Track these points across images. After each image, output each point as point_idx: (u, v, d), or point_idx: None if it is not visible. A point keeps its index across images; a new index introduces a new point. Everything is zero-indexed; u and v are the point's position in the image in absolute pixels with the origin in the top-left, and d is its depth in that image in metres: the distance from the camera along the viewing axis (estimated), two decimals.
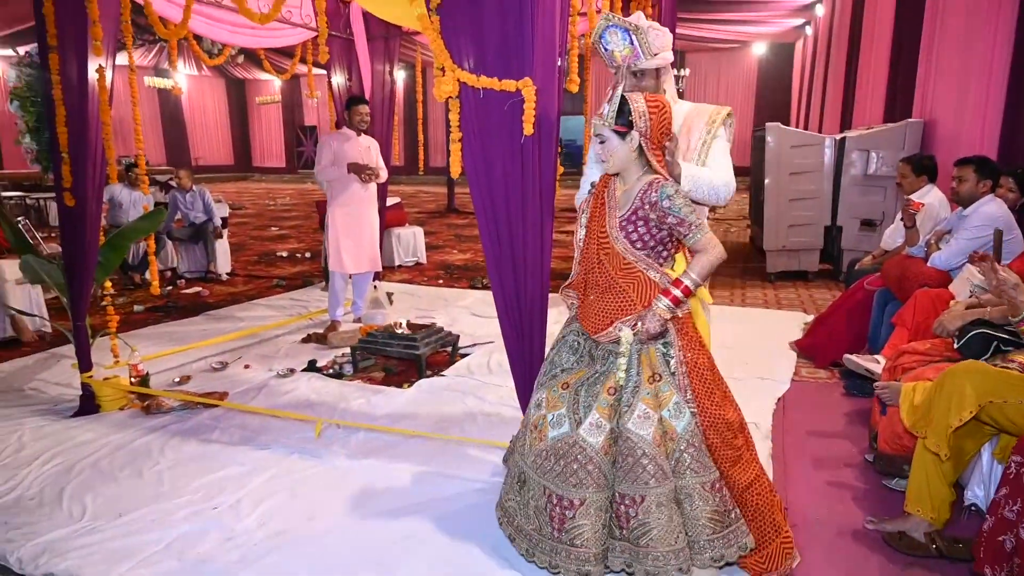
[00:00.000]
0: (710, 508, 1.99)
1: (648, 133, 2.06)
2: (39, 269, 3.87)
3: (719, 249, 2.05)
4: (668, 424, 2.02)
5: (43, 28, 3.23)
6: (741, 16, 15.65)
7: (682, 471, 2.01)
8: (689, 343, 2.10)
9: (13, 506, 2.67)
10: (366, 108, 4.85)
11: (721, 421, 2.07)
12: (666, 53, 2.32)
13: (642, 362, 2.08)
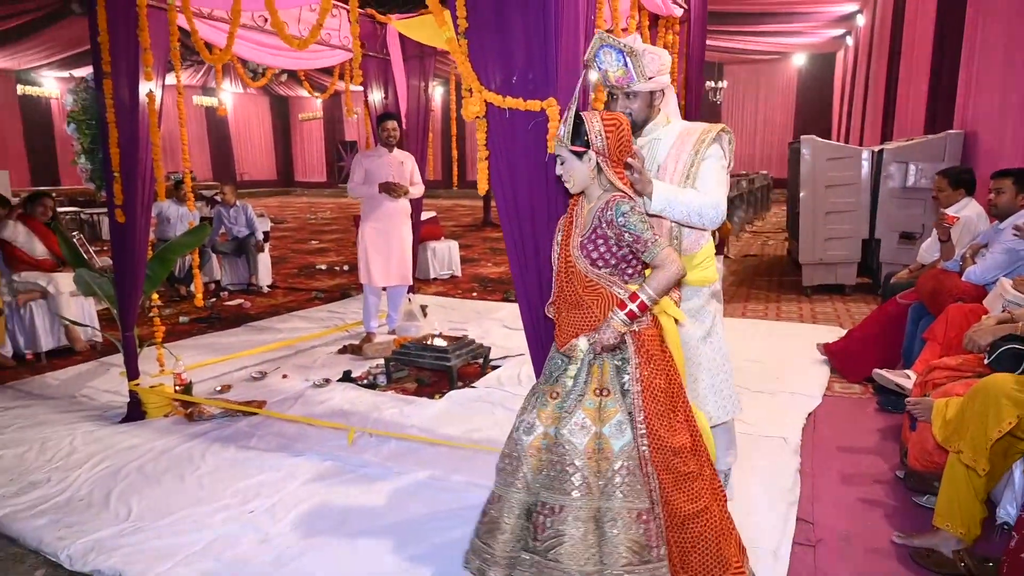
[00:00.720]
0: (630, 537, 1.92)
1: (606, 152, 2.04)
2: (91, 282, 4.08)
3: (677, 265, 1.99)
4: (606, 441, 1.98)
5: (98, 55, 3.43)
6: (780, 27, 15.52)
7: (611, 492, 1.95)
8: (647, 361, 2.03)
9: (65, 506, 2.83)
10: (392, 123, 4.98)
11: (669, 446, 1.99)
12: (661, 77, 2.30)
13: (592, 373, 2.05)
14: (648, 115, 2.36)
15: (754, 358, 4.61)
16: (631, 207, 2.00)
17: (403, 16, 5.45)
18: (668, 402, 2.03)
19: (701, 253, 2.43)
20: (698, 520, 2.00)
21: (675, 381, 2.09)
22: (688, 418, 2.10)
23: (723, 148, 2.33)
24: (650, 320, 2.08)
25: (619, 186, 2.06)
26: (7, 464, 3.23)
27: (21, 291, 5.00)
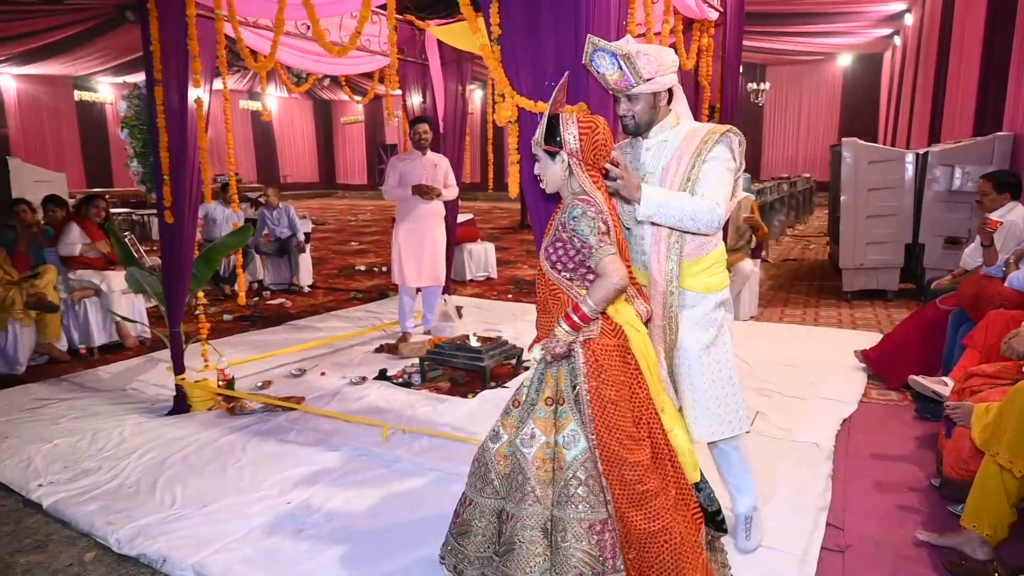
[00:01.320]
0: (583, 548, 1.89)
1: (579, 154, 2.02)
2: (141, 280, 4.26)
3: (616, 276, 1.92)
4: (560, 450, 1.97)
5: (150, 63, 3.59)
6: (825, 28, 15.23)
7: (564, 502, 1.94)
8: (595, 373, 1.98)
9: (114, 492, 2.97)
10: (424, 127, 5.06)
11: (620, 459, 1.94)
12: (662, 77, 2.17)
13: (546, 382, 2.04)
14: (652, 117, 2.26)
15: (789, 363, 4.57)
16: (583, 211, 1.96)
17: (441, 22, 5.55)
18: (619, 415, 1.97)
19: (706, 259, 2.28)
20: (656, 541, 1.94)
21: (637, 394, 2.03)
22: (653, 433, 2.04)
23: (730, 150, 2.21)
24: (600, 330, 2.01)
25: (588, 190, 2.03)
26: (62, 452, 3.40)
27: (76, 288, 5.23)
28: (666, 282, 2.23)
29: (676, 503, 2.02)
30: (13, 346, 4.72)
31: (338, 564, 2.41)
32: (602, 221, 1.98)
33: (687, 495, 2.09)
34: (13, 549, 2.61)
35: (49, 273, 5.00)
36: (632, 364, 2.05)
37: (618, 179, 2.08)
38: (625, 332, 2.05)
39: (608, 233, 1.99)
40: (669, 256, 2.23)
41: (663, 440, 2.07)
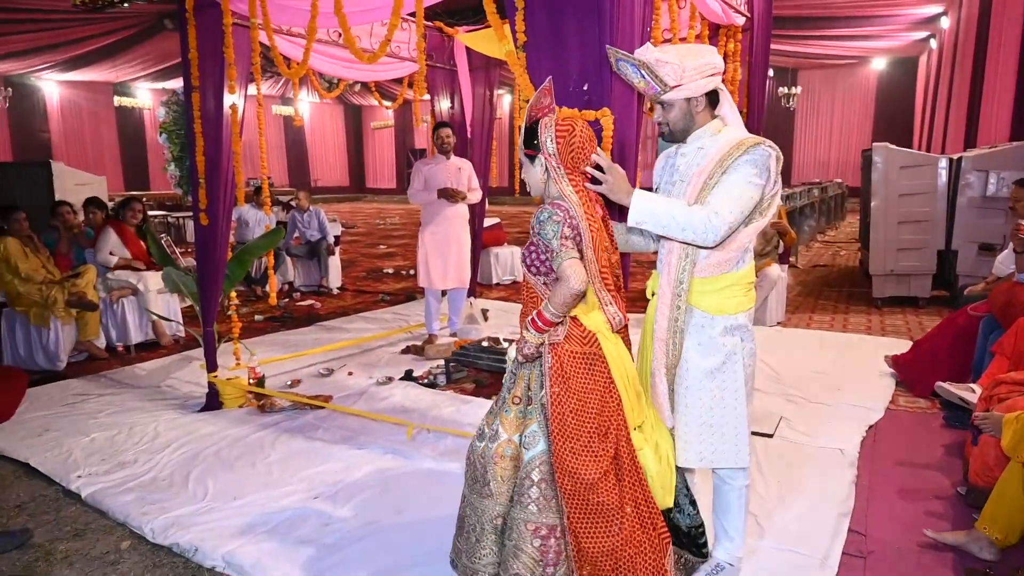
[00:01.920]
0: (524, 551, 1.91)
1: (556, 157, 2.00)
2: (178, 280, 4.39)
3: (573, 280, 1.87)
4: (520, 450, 1.99)
5: (188, 70, 3.72)
6: (858, 31, 15.02)
7: (517, 501, 1.96)
8: (558, 379, 1.96)
9: (149, 484, 3.08)
10: (446, 131, 5.13)
11: (572, 470, 1.90)
12: (695, 83, 2.04)
13: (517, 382, 2.05)
14: (689, 124, 2.13)
15: (816, 369, 4.54)
16: (550, 215, 1.94)
17: (470, 28, 5.62)
18: (578, 425, 1.93)
19: (723, 279, 2.10)
20: (608, 559, 1.91)
21: (607, 404, 1.99)
22: (619, 447, 1.99)
23: (758, 165, 2.00)
24: (565, 336, 1.98)
25: (564, 194, 2.01)
26: (99, 445, 3.53)
27: (114, 288, 5.40)
28: (673, 295, 2.11)
29: (634, 522, 1.96)
30: (55, 343, 4.89)
31: (363, 558, 2.47)
32: (569, 226, 1.94)
33: (650, 515, 2.01)
34: (53, 536, 2.72)
35: (89, 273, 5.18)
36: (602, 373, 2.00)
37: (603, 182, 2.04)
38: (598, 340, 2.01)
39: (574, 238, 1.95)
40: (680, 268, 2.10)
41: (628, 456, 2.00)
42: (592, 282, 2.01)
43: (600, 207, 2.12)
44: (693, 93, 2.07)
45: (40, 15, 13.38)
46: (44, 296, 4.88)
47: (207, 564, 2.48)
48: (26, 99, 20.38)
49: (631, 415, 2.05)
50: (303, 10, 3.45)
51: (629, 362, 2.09)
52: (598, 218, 2.07)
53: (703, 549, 2.22)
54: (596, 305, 2.04)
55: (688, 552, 2.19)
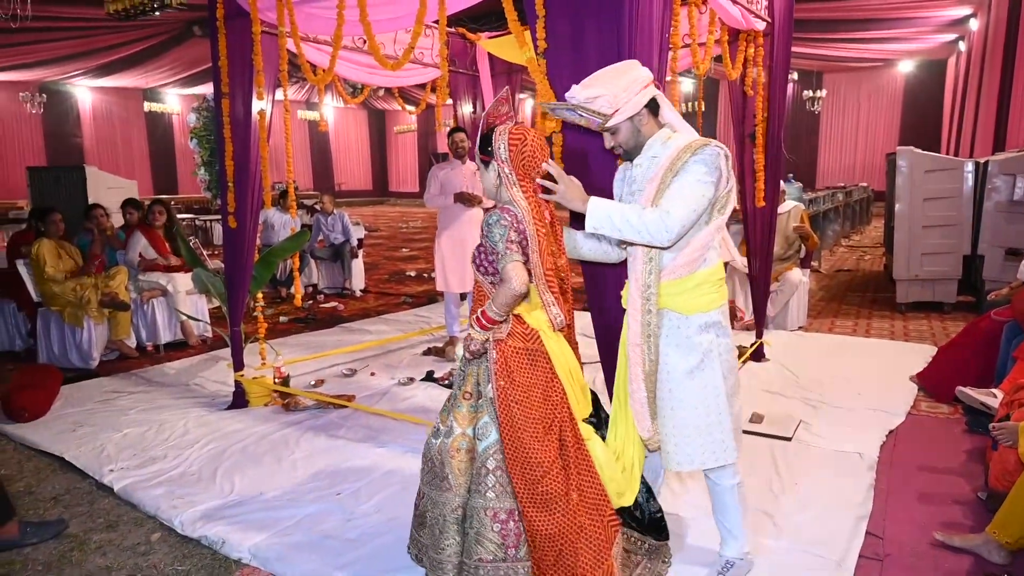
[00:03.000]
0: (485, 536, 2.03)
1: (508, 164, 2.11)
2: (207, 281, 4.50)
3: (514, 282, 1.98)
4: (475, 441, 2.10)
5: (218, 78, 3.82)
6: (885, 33, 14.87)
7: (475, 490, 2.06)
8: (504, 372, 2.07)
9: (179, 479, 3.17)
10: (461, 136, 5.19)
11: (522, 458, 2.02)
12: (631, 103, 2.10)
13: (467, 378, 2.17)
14: (639, 140, 2.19)
15: (836, 374, 4.52)
16: (498, 219, 2.05)
17: (492, 35, 5.69)
18: (523, 415, 2.04)
19: (692, 279, 2.14)
20: (553, 543, 2.01)
21: (550, 397, 2.10)
22: (563, 437, 2.10)
23: (707, 163, 2.05)
24: (508, 333, 2.09)
25: (515, 199, 2.11)
26: (131, 441, 3.64)
27: (145, 289, 5.54)
28: (643, 300, 2.14)
29: (579, 508, 2.06)
30: (88, 342, 5.03)
31: (384, 553, 2.53)
32: (515, 231, 2.04)
33: (596, 503, 2.10)
34: (87, 527, 2.81)
35: (121, 274, 5.32)
36: (544, 368, 2.11)
37: (553, 191, 2.12)
38: (540, 337, 2.12)
39: (520, 242, 2.05)
40: (646, 273, 2.13)
41: (574, 445, 2.12)
42: (536, 284, 2.12)
43: (548, 212, 2.23)
44: (633, 111, 2.13)
45: (74, 23, 13.74)
46: (78, 296, 5.02)
47: (234, 556, 2.55)
48: (60, 105, 20.90)
49: (576, 407, 2.17)
50: (330, 18, 3.53)
51: (572, 358, 2.21)
52: (546, 223, 2.18)
53: (664, 534, 2.31)
54: (539, 305, 2.15)
55: (651, 537, 2.29)
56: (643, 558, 2.28)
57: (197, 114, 6.67)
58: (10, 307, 5.46)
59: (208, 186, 6.77)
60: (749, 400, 4.04)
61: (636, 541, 2.28)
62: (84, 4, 11.58)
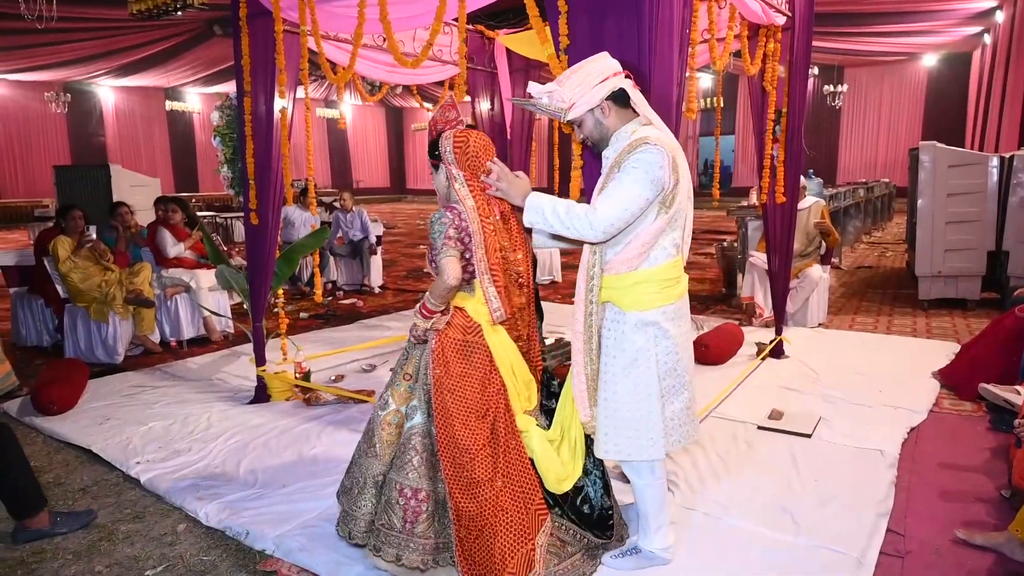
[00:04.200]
0: (391, 508, 2.22)
1: (455, 165, 2.25)
2: (230, 277, 4.56)
3: (446, 275, 2.14)
4: (403, 419, 2.30)
5: (240, 76, 3.87)
6: (908, 27, 14.66)
7: (400, 464, 2.24)
8: (440, 360, 2.21)
9: (203, 471, 3.23)
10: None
11: (451, 443, 2.16)
12: (588, 94, 2.14)
13: (410, 360, 2.34)
14: (602, 132, 2.23)
15: (857, 371, 4.49)
16: (439, 217, 2.20)
17: (510, 31, 5.70)
18: (455, 403, 2.18)
19: (634, 276, 2.18)
20: (475, 524, 2.13)
21: (487, 388, 2.22)
22: (496, 427, 2.21)
23: (643, 163, 2.05)
24: (447, 324, 2.24)
25: (461, 198, 2.24)
26: (156, 434, 3.70)
27: (168, 285, 5.63)
28: (586, 291, 2.20)
29: (503, 493, 2.16)
30: (113, 337, 5.12)
31: None
32: (454, 228, 2.19)
33: (524, 491, 2.21)
34: (115, 518, 2.88)
35: (145, 271, 5.40)
36: (482, 360, 2.24)
37: (495, 187, 2.25)
38: (481, 330, 2.25)
39: (459, 239, 2.19)
40: (590, 265, 2.19)
41: (506, 434, 2.23)
42: (480, 278, 2.23)
43: (500, 210, 2.33)
44: (591, 104, 2.17)
45: (97, 24, 13.94)
46: (104, 293, 5.11)
47: (258, 547, 2.60)
48: (84, 104, 21.22)
49: (516, 400, 2.29)
50: (350, 17, 3.57)
51: (514, 352, 2.31)
52: (495, 220, 2.29)
53: (608, 532, 2.35)
54: (482, 299, 2.25)
55: (590, 533, 2.34)
56: (579, 552, 2.33)
57: (220, 112, 6.75)
58: (38, 303, 5.56)
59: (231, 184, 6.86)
60: (768, 397, 4.03)
61: (575, 534, 2.34)
62: (107, 5, 11.74)
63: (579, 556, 2.31)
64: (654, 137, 2.10)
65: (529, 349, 2.40)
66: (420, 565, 2.21)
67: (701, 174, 24.48)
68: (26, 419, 3.97)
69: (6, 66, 17.95)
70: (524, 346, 2.38)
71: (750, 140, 21.82)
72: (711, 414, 3.77)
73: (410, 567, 2.21)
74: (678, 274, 2.24)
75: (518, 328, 2.36)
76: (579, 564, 2.30)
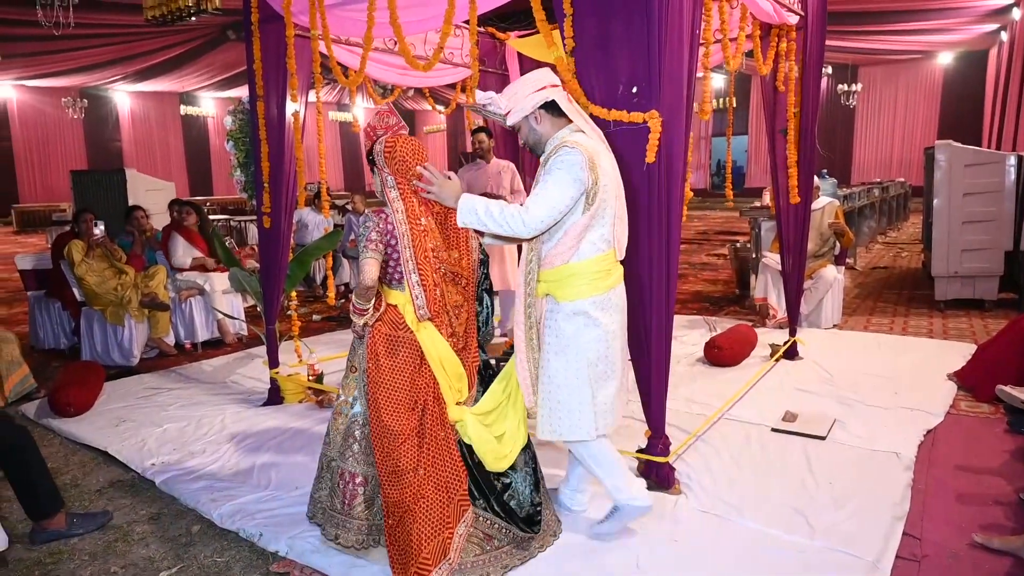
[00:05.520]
0: (333, 491, 2.45)
1: (385, 169, 2.41)
2: (243, 280, 4.59)
3: (363, 275, 2.33)
4: (349, 408, 2.48)
5: (253, 80, 3.90)
6: (922, 25, 14.53)
7: (344, 451, 2.45)
8: (372, 354, 2.38)
9: (217, 473, 3.25)
10: (482, 136, 5.21)
11: (381, 431, 2.31)
12: (522, 103, 2.39)
13: (356, 354, 2.51)
14: (537, 138, 2.46)
15: (872, 372, 4.44)
16: (366, 219, 2.38)
17: (522, 33, 5.71)
18: (382, 394, 2.33)
19: (563, 270, 2.36)
20: (397, 509, 2.28)
21: (416, 382, 2.36)
22: (424, 418, 2.35)
23: (564, 164, 2.26)
24: (376, 320, 2.41)
25: (390, 200, 2.40)
26: (171, 436, 3.73)
27: (183, 288, 5.67)
28: (526, 284, 2.41)
29: (425, 482, 2.30)
30: (128, 340, 5.17)
31: None
32: (377, 231, 2.35)
33: (447, 482, 2.34)
34: (131, 519, 2.90)
35: (160, 274, 5.45)
36: (410, 354, 2.38)
37: (426, 190, 2.40)
38: (409, 327, 2.40)
39: (381, 241, 2.35)
40: (528, 260, 2.39)
41: (434, 426, 2.37)
42: (408, 277, 2.36)
43: (434, 212, 2.47)
44: (524, 111, 2.40)
45: (113, 30, 14.10)
46: (119, 296, 5.16)
47: (271, 548, 2.61)
48: (100, 109, 21.47)
49: (447, 393, 2.41)
50: (360, 21, 3.58)
51: (444, 347, 2.42)
52: (426, 222, 2.41)
53: (535, 527, 2.46)
54: (410, 298, 2.38)
55: (516, 527, 2.43)
56: (507, 545, 2.41)
57: (233, 117, 6.81)
58: (55, 306, 5.63)
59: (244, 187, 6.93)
60: (782, 399, 4.00)
61: (501, 528, 2.42)
62: (123, 11, 11.88)
63: (507, 548, 2.40)
64: (572, 141, 2.31)
65: (466, 345, 2.52)
66: (355, 544, 2.41)
67: (714, 175, 24.35)
68: (44, 421, 4.02)
69: (24, 72, 18.21)
70: (459, 342, 2.49)
71: (763, 140, 21.72)
72: (724, 416, 3.75)
73: (346, 545, 2.42)
74: (608, 267, 2.41)
75: (452, 325, 2.46)
76: (504, 556, 2.39)
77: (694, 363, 4.80)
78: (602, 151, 2.38)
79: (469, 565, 2.30)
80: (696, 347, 5.05)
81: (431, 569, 2.20)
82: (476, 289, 2.57)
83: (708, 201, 20.89)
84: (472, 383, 2.51)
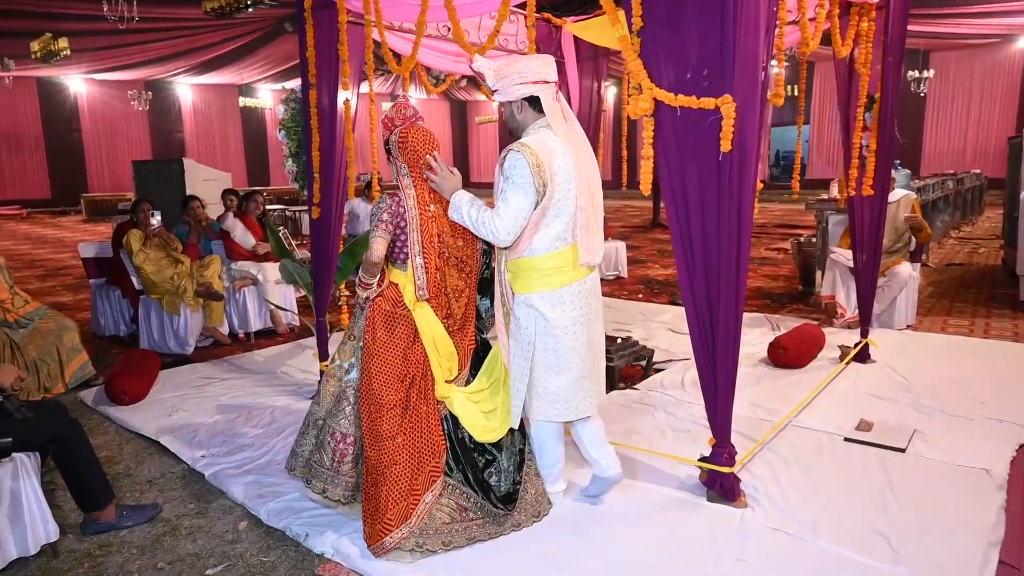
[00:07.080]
0: (321, 449, 2.65)
1: (399, 159, 2.59)
2: (293, 272, 4.56)
3: (369, 252, 2.50)
4: (344, 373, 2.67)
5: (306, 68, 3.83)
6: (1001, 6, 13.67)
7: (337, 413, 2.64)
8: (370, 327, 2.57)
9: (265, 467, 3.21)
10: None
11: (369, 398, 2.49)
12: (508, 90, 2.46)
13: (356, 323, 2.69)
14: (515, 124, 2.55)
15: (953, 378, 4.13)
16: (380, 202, 2.56)
17: (578, 18, 5.52)
18: (375, 364, 2.51)
19: (518, 263, 2.52)
20: (373, 470, 2.46)
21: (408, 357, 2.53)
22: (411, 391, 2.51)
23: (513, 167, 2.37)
24: (377, 295, 2.59)
25: (402, 186, 2.57)
26: (221, 428, 3.72)
27: (237, 278, 5.71)
28: (501, 274, 2.62)
29: (401, 449, 2.45)
30: (184, 329, 5.22)
31: (464, 551, 2.45)
32: (388, 212, 2.53)
33: (421, 453, 2.48)
34: (179, 512, 2.88)
35: (215, 264, 5.49)
36: (405, 330, 2.56)
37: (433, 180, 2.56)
38: (407, 304, 2.57)
39: (392, 222, 2.53)
40: (500, 252, 2.59)
41: (418, 400, 2.53)
42: (412, 259, 2.54)
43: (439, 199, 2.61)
44: (508, 98, 2.50)
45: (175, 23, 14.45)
46: (175, 286, 5.22)
47: (317, 550, 2.54)
48: (163, 102, 22.14)
49: (437, 371, 2.58)
50: (414, 5, 3.47)
51: (438, 327, 2.60)
52: (435, 208, 2.59)
53: (510, 505, 2.56)
54: (411, 279, 2.55)
55: (490, 503, 2.54)
56: (481, 519, 2.52)
57: (285, 106, 6.85)
58: (116, 294, 5.74)
59: (296, 177, 6.97)
60: (855, 405, 3.74)
61: (476, 502, 2.54)
62: (184, 4, 12.13)
63: (479, 521, 2.51)
64: (521, 144, 2.41)
65: (462, 327, 2.68)
66: (341, 498, 2.63)
67: (772, 165, 23.61)
68: (100, 408, 4.07)
69: (93, 66, 18.86)
70: (456, 324, 2.65)
71: (826, 129, 20.90)
72: (792, 423, 3.52)
73: (332, 499, 2.63)
74: (561, 264, 2.49)
75: (451, 307, 2.63)
76: (475, 528, 2.50)
77: (756, 364, 4.56)
78: (559, 151, 2.42)
79: (433, 531, 2.43)
80: (758, 347, 4.81)
81: (392, 529, 2.37)
82: (478, 276, 2.72)
83: (767, 193, 20.16)
84: (465, 363, 2.68)
